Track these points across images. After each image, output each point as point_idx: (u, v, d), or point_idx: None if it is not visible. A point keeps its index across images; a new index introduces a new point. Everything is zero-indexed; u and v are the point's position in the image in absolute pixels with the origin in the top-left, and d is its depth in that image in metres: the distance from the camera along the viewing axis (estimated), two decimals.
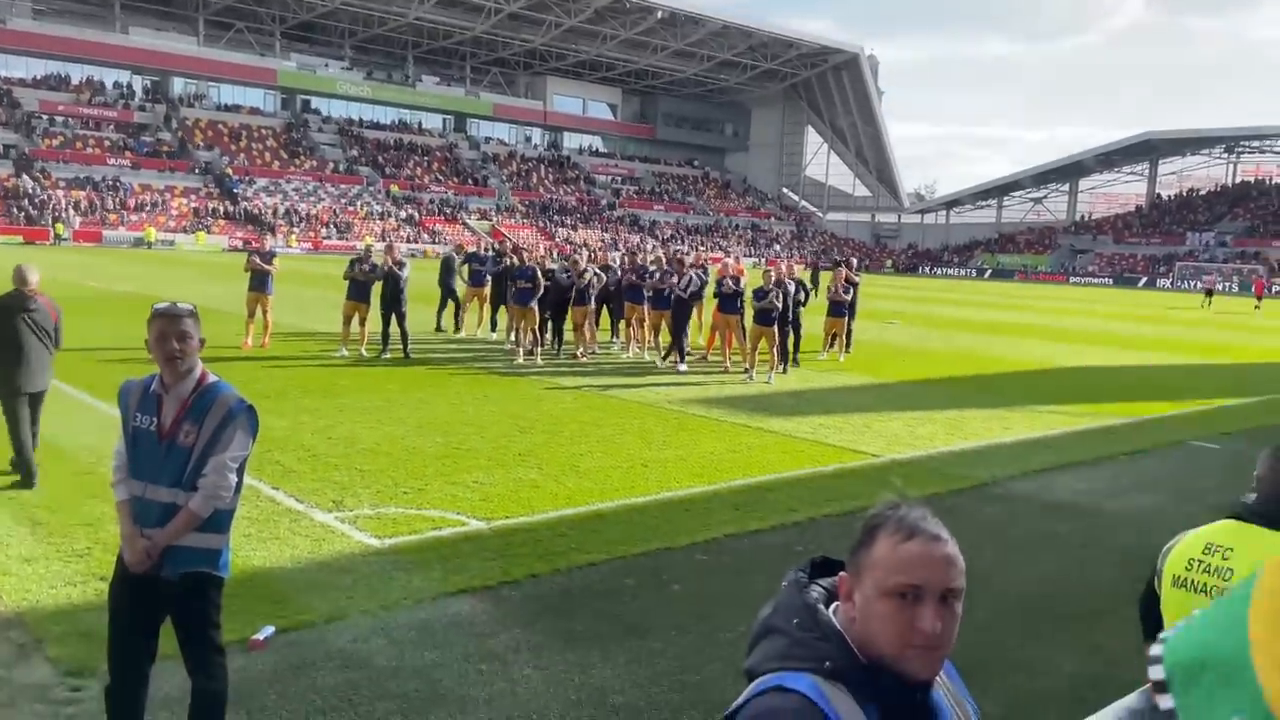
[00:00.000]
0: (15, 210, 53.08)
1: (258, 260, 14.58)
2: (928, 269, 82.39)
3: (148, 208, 57.97)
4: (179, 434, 3.27)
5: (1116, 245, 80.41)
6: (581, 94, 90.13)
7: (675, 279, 15.06)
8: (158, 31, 70.00)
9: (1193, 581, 2.48)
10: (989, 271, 78.58)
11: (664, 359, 15.21)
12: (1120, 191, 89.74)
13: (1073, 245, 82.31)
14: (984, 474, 8.59)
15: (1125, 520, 7.38)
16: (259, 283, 14.50)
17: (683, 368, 14.58)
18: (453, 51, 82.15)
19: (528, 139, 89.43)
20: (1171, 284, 69.12)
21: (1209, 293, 45.64)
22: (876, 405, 12.09)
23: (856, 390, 13.52)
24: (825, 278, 16.99)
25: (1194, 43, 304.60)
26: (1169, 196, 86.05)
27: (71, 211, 54.19)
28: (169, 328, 3.28)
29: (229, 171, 65.09)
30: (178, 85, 71.34)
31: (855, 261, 18.74)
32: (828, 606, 1.41)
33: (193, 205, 60.17)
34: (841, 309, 16.41)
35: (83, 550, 5.53)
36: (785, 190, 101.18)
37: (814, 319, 17.32)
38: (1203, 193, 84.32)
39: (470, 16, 73.37)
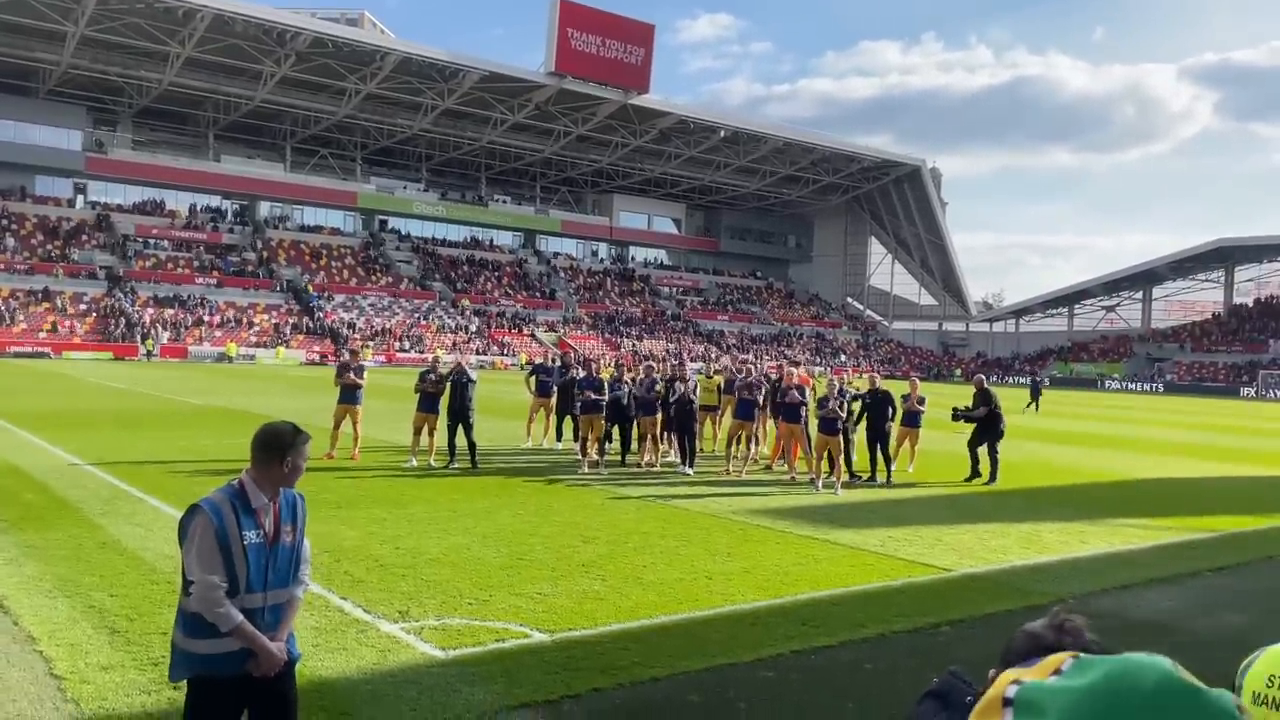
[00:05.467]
0: (110, 328, 55.82)
1: (352, 376, 15.03)
2: (999, 377, 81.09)
3: (231, 324, 60.46)
4: (282, 536, 3.52)
5: (1195, 353, 78.43)
6: (647, 210, 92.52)
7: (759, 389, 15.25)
8: (248, 159, 74.32)
9: (1274, 699, 2.39)
10: (1042, 378, 77.01)
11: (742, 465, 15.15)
12: (1196, 299, 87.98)
13: (1149, 353, 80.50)
14: (1062, 590, 8.30)
15: (1213, 639, 7.04)
16: (350, 395, 14.93)
17: (690, 471, 14.84)
18: (523, 172, 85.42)
19: (594, 253, 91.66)
20: (1256, 393, 66.89)
21: None
22: (948, 517, 11.82)
23: (926, 502, 13.26)
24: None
25: (1265, 149, 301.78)
26: (1250, 304, 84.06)
27: (159, 328, 56.75)
28: (307, 449, 3.64)
29: (309, 288, 67.79)
30: (264, 208, 75.21)
31: (983, 378, 17.47)
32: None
33: (274, 321, 62.59)
34: (916, 419, 16.21)
35: (158, 658, 5.64)
36: (850, 300, 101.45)
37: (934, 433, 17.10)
38: None
39: (541, 140, 76.46)
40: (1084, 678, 0.80)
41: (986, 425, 15.49)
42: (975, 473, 15.33)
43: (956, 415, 15.74)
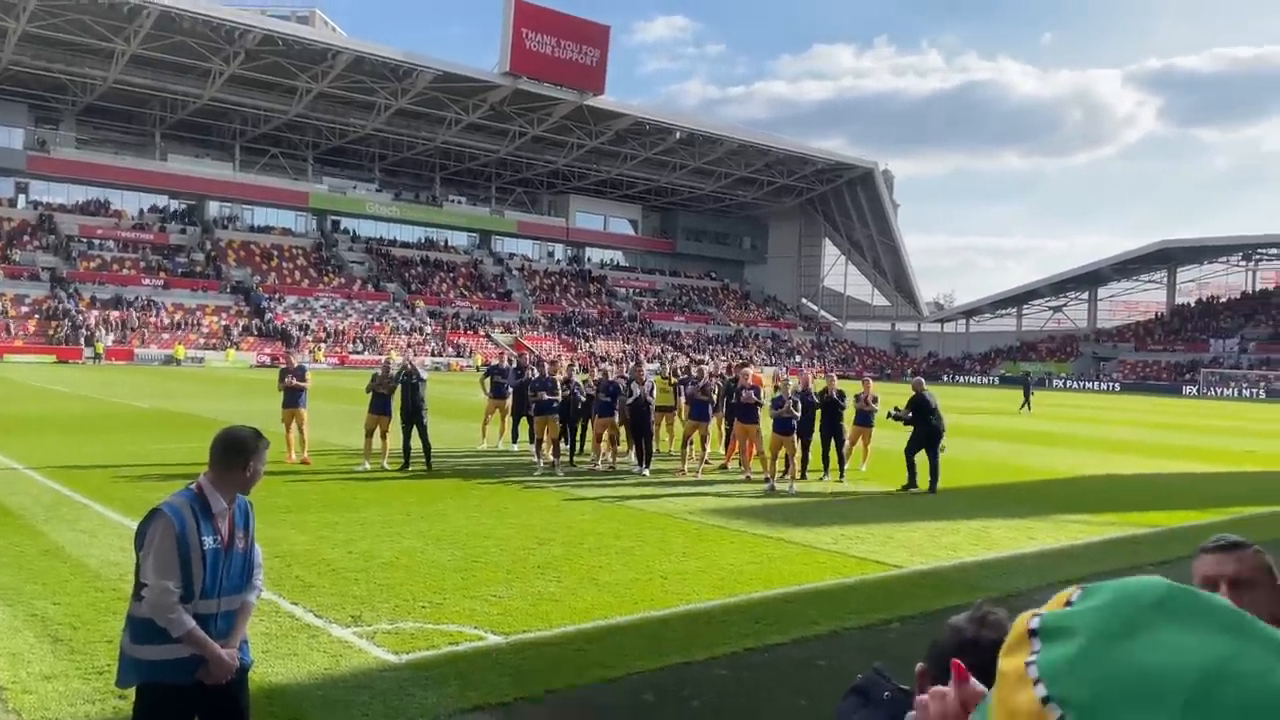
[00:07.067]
0: (54, 330, 54.48)
1: (293, 380, 14.88)
2: (950, 377, 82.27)
3: (180, 326, 59.33)
4: (235, 542, 3.50)
5: (1139, 353, 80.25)
6: (603, 211, 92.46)
7: (699, 387, 15.25)
8: (195, 158, 72.95)
9: None
10: (1033, 377, 78.27)
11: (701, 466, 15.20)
12: (1140, 299, 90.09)
13: (1095, 353, 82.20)
14: (1010, 585, 8.45)
15: None
16: (293, 399, 14.76)
17: (646, 471, 14.87)
18: (478, 173, 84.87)
19: (550, 254, 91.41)
20: (1199, 391, 68.58)
21: None
22: (899, 515, 11.98)
23: (878, 500, 13.42)
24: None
25: (1206, 154, 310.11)
26: (1192, 304, 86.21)
27: (104, 330, 55.51)
28: (266, 454, 3.63)
29: (259, 289, 66.75)
30: (213, 208, 73.89)
31: (922, 380, 15.93)
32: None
33: (223, 323, 61.54)
34: (868, 418, 16.36)
35: (103, 667, 5.53)
36: (804, 300, 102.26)
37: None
38: (1223, 300, 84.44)
39: (496, 140, 76.06)
40: (1096, 599, 0.90)
41: (919, 430, 14.52)
42: (912, 483, 14.22)
43: (890, 415, 15.60)
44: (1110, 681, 0.81)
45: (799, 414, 13.97)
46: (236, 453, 3.47)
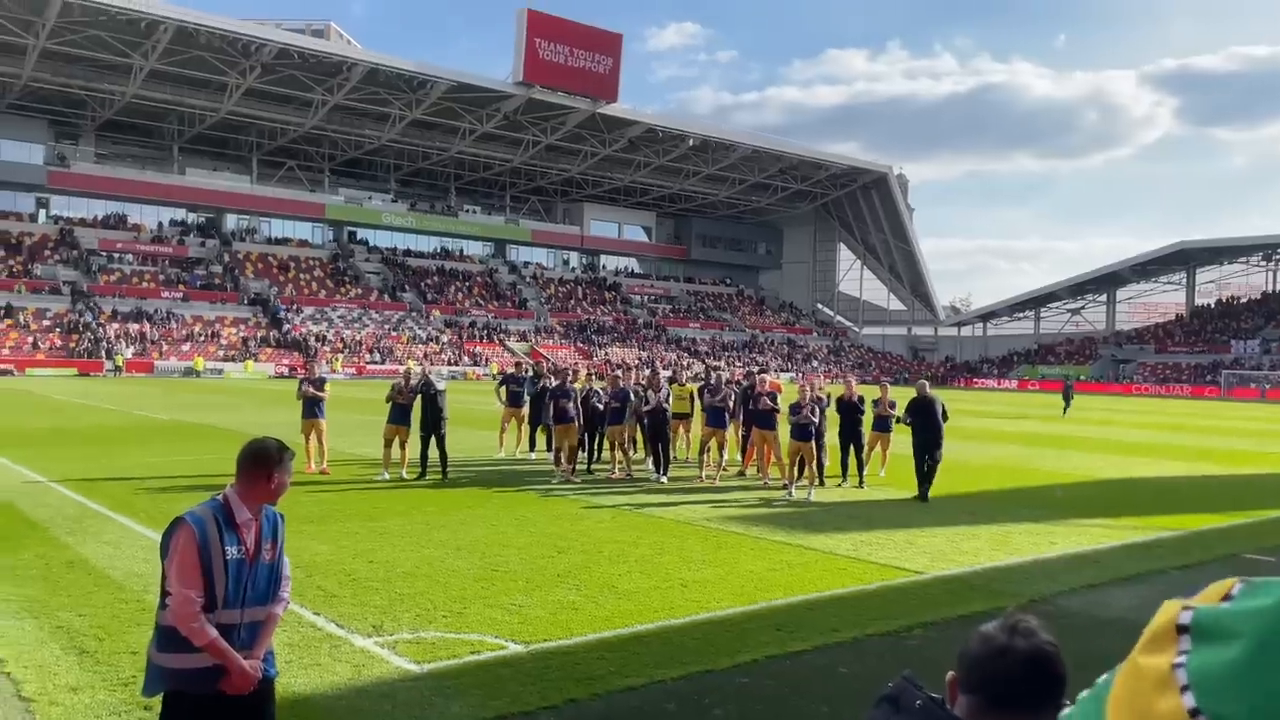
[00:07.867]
0: (74, 344, 55.01)
1: (310, 389, 14.94)
2: (967, 381, 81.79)
3: (199, 338, 59.79)
4: (262, 553, 3.51)
5: (1159, 354, 79.63)
6: (617, 218, 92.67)
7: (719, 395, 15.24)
8: (213, 171, 73.62)
9: None
10: (1072, 380, 77.76)
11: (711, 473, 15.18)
12: (1159, 301, 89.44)
13: (1114, 355, 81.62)
14: (1032, 590, 8.40)
15: None
16: (311, 409, 14.83)
17: (664, 479, 14.81)
18: (493, 182, 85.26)
19: (565, 262, 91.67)
20: (1222, 393, 67.95)
21: None
22: (919, 520, 11.92)
23: (897, 505, 13.36)
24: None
25: (1225, 154, 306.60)
26: (1211, 304, 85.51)
27: (124, 342, 55.99)
28: (292, 465, 3.67)
29: (278, 301, 67.21)
30: (231, 221, 74.52)
31: (925, 383, 16.05)
32: None
33: (242, 335, 61.98)
34: (887, 424, 16.30)
35: (128, 679, 5.57)
36: (820, 306, 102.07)
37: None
38: (1244, 300, 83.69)
39: (510, 149, 76.39)
40: (1264, 598, 0.75)
41: (921, 436, 13.87)
42: (923, 494, 13.67)
43: (896, 420, 15.55)
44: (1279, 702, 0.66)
45: (817, 419, 13.94)
46: (261, 463, 3.50)
